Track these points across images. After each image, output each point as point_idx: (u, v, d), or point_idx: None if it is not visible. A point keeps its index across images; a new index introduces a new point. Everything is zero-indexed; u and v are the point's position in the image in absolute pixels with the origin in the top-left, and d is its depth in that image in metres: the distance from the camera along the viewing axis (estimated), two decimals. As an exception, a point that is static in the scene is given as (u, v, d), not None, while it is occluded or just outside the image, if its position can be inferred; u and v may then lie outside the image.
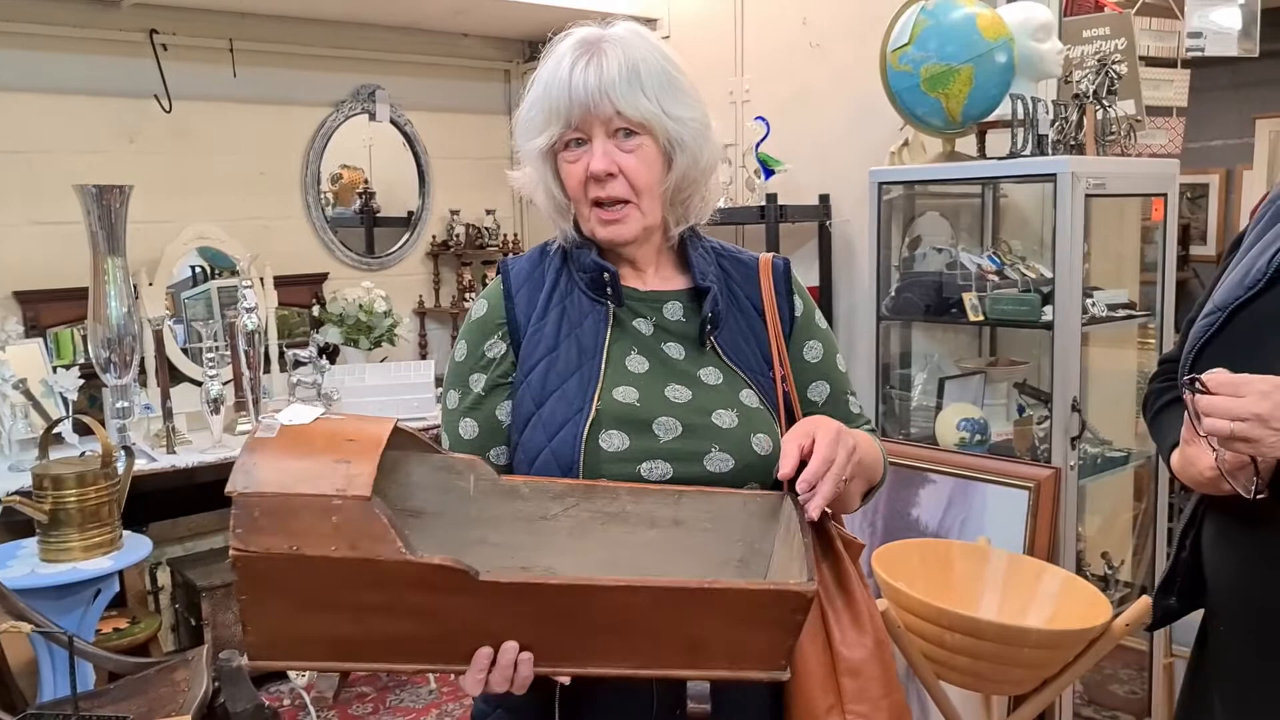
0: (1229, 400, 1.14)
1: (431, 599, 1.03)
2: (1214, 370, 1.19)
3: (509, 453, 1.32)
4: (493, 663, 1.07)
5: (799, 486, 1.14)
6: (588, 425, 1.25)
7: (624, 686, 1.22)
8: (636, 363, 1.31)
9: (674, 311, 1.35)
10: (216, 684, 2.02)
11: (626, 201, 1.29)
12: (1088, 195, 2.54)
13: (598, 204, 1.30)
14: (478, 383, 1.34)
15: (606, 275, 1.32)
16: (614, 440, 1.25)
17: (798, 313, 1.40)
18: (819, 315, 1.43)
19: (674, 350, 1.33)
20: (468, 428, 1.34)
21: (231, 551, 1.00)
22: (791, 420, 1.31)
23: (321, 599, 1.02)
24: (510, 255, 1.49)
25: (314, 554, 1.00)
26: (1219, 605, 1.36)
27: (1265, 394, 1.12)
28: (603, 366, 1.29)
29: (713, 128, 1.35)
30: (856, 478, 1.26)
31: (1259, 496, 1.16)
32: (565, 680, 1.12)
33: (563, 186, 1.33)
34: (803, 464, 1.16)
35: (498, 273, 1.42)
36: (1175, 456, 1.32)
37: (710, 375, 1.32)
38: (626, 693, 1.23)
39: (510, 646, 1.07)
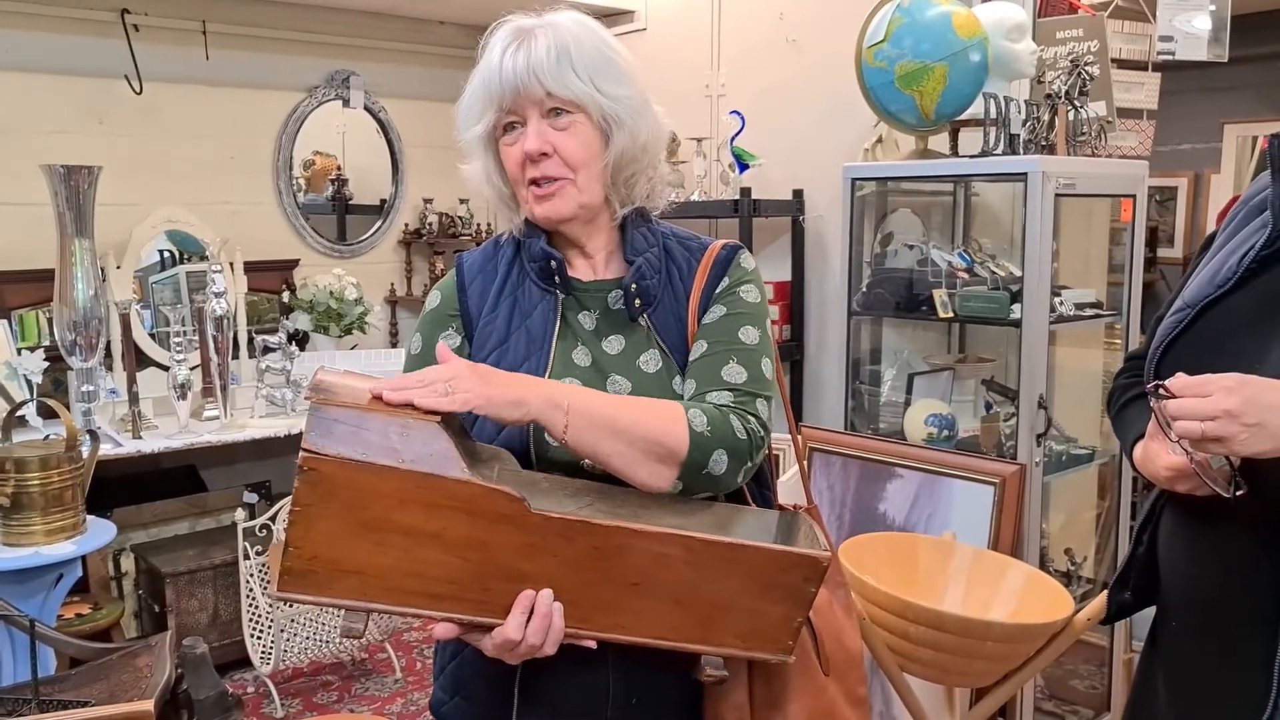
0: (1196, 401, 1.14)
1: (480, 530, 1.07)
2: (1175, 376, 1.20)
3: None
4: (531, 611, 1.10)
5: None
6: None
7: (582, 677, 1.23)
8: (581, 355, 1.32)
9: (617, 300, 1.34)
10: (179, 670, 2.00)
11: (562, 178, 1.30)
12: (1057, 195, 2.56)
13: (534, 183, 1.30)
14: None
15: (553, 263, 1.32)
16: None
17: (719, 289, 1.36)
18: (746, 289, 1.36)
19: (614, 344, 1.33)
20: None
21: (302, 454, 1.04)
22: None
23: (374, 519, 1.06)
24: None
25: (382, 463, 1.05)
26: (1171, 600, 1.38)
27: (1231, 390, 1.13)
28: (550, 358, 1.30)
29: (654, 108, 1.34)
30: (596, 429, 1.17)
31: (1239, 493, 1.16)
32: (591, 644, 1.14)
33: (504, 175, 1.35)
34: None
35: (454, 266, 1.44)
36: (1138, 451, 1.34)
37: (649, 362, 1.32)
38: (584, 683, 1.24)
39: (547, 593, 1.10)
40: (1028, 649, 1.98)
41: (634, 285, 1.32)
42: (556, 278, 1.33)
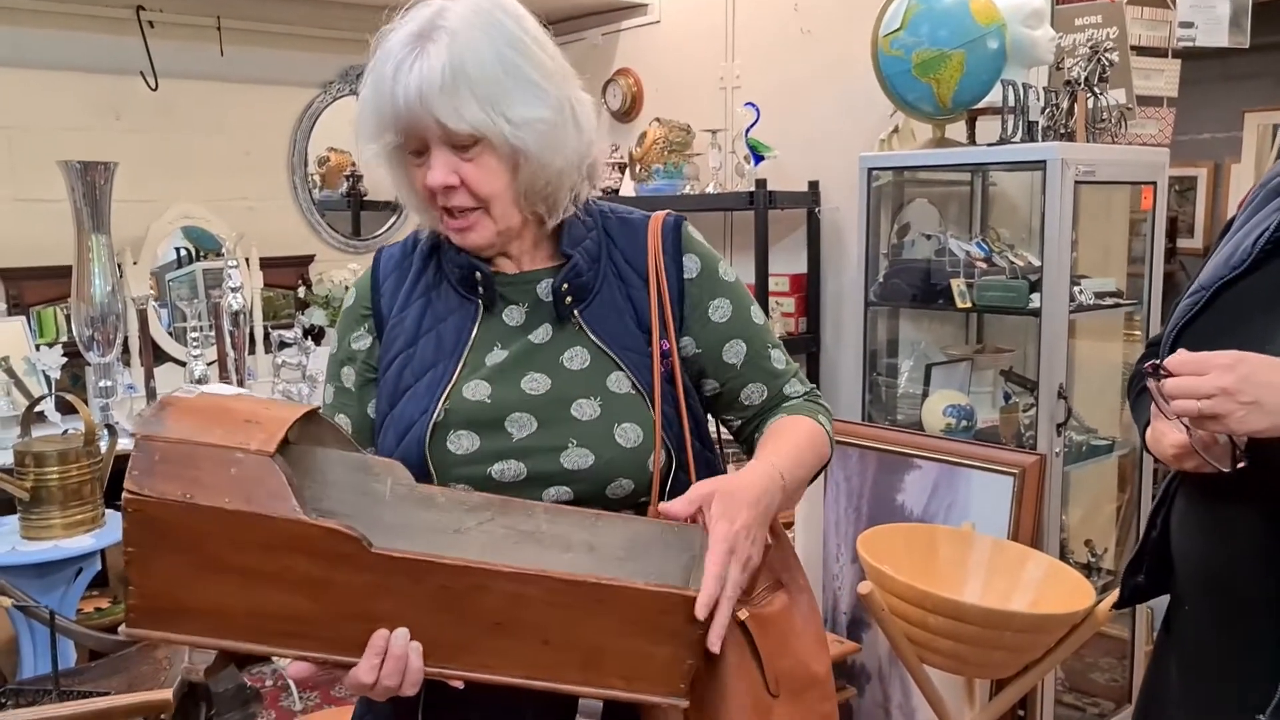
0: (1193, 379, 1.14)
1: (321, 569, 1.00)
2: (1174, 354, 1.19)
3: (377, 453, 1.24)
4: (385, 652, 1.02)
5: (698, 613, 1.03)
6: (431, 427, 1.19)
7: (493, 699, 1.10)
8: (496, 356, 1.24)
9: (546, 291, 1.24)
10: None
11: (474, 208, 1.19)
12: (1077, 182, 2.54)
13: (447, 211, 1.21)
14: (348, 377, 1.30)
15: (479, 275, 1.24)
16: (463, 442, 1.19)
17: (690, 274, 1.28)
18: (723, 269, 1.31)
19: (540, 335, 1.25)
20: (342, 424, 1.28)
21: (124, 495, 0.97)
22: (685, 394, 1.25)
23: (210, 559, 0.99)
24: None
25: (207, 504, 0.98)
26: (1183, 582, 1.37)
27: (1228, 367, 1.13)
28: (459, 365, 1.23)
29: (577, 110, 1.21)
30: (797, 485, 1.23)
31: (1240, 465, 1.16)
32: (458, 685, 1.06)
33: (414, 190, 1.24)
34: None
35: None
36: (1149, 432, 1.34)
37: (575, 359, 1.23)
38: (495, 705, 1.13)
39: (402, 633, 1.02)
40: (1048, 640, 1.97)
41: (565, 284, 1.23)
42: (480, 289, 1.25)
